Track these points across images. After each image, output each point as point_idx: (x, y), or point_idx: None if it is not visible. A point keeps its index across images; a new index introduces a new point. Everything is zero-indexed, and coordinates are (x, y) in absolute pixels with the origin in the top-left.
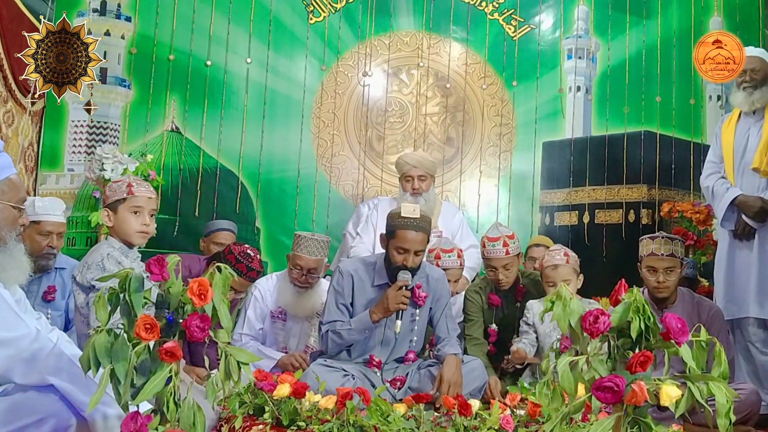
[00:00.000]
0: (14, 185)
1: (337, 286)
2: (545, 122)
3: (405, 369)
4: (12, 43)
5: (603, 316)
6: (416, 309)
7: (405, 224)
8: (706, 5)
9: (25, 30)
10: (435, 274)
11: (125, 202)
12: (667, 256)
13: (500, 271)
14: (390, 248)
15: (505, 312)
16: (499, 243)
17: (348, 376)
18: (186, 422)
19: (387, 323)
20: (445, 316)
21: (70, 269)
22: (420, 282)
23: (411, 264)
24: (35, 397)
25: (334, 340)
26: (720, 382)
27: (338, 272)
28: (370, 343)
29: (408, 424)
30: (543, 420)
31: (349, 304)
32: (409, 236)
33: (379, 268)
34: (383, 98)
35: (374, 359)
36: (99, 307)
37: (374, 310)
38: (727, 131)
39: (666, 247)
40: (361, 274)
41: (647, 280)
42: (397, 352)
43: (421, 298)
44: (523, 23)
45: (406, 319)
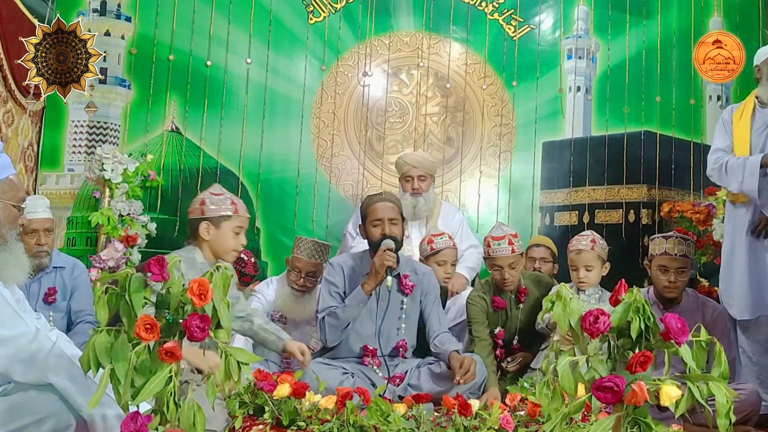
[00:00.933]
0: (14, 185)
1: (330, 276)
2: (545, 122)
3: (404, 366)
4: (12, 44)
5: (603, 316)
6: (404, 297)
7: (371, 201)
8: (706, 5)
9: (25, 30)
10: (422, 269)
11: (230, 220)
12: (680, 256)
13: (506, 270)
14: (368, 229)
15: (510, 314)
16: (504, 241)
17: (347, 374)
18: (186, 422)
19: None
20: (436, 309)
21: (69, 268)
22: (407, 273)
23: (389, 231)
24: (35, 397)
25: (330, 323)
26: (720, 382)
27: (330, 265)
28: (363, 333)
29: (408, 424)
30: (543, 420)
31: (343, 293)
32: (378, 207)
33: (366, 258)
34: (383, 98)
35: (368, 348)
36: (99, 307)
37: (366, 281)
38: (741, 124)
39: (679, 248)
40: (352, 265)
41: (658, 279)
42: (389, 342)
43: (408, 287)
44: (523, 23)
45: (396, 307)
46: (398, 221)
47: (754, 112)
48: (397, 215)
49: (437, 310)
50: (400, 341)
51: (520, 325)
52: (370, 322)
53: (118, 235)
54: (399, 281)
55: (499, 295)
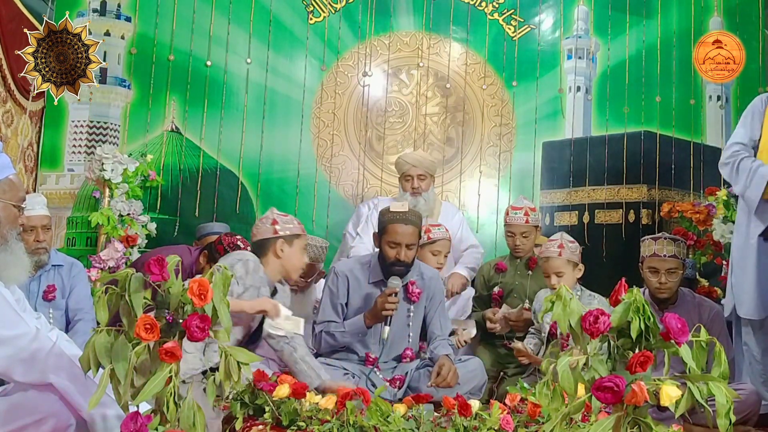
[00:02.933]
0: (14, 185)
1: (332, 286)
2: (545, 122)
3: (404, 368)
4: (11, 44)
5: (603, 316)
6: (411, 305)
7: (394, 218)
8: (706, 5)
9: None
10: (429, 273)
11: (300, 238)
12: (669, 257)
13: (518, 237)
14: (383, 244)
15: (517, 279)
16: (521, 212)
17: (348, 375)
18: (186, 422)
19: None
20: (438, 314)
21: (67, 266)
22: (414, 279)
23: (404, 258)
24: (35, 397)
25: (327, 341)
26: (720, 382)
27: (333, 273)
28: (368, 341)
29: (408, 424)
30: (543, 420)
31: (344, 303)
32: (399, 230)
33: (374, 265)
34: (383, 98)
35: (370, 356)
36: (99, 307)
37: (368, 315)
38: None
39: (669, 248)
40: (357, 273)
41: (649, 281)
42: (394, 350)
43: (415, 294)
44: (523, 23)
45: (403, 315)
46: (415, 246)
47: None
48: (416, 240)
49: (440, 314)
50: (405, 349)
51: (530, 292)
52: (374, 332)
53: (118, 235)
54: (405, 289)
55: (504, 261)
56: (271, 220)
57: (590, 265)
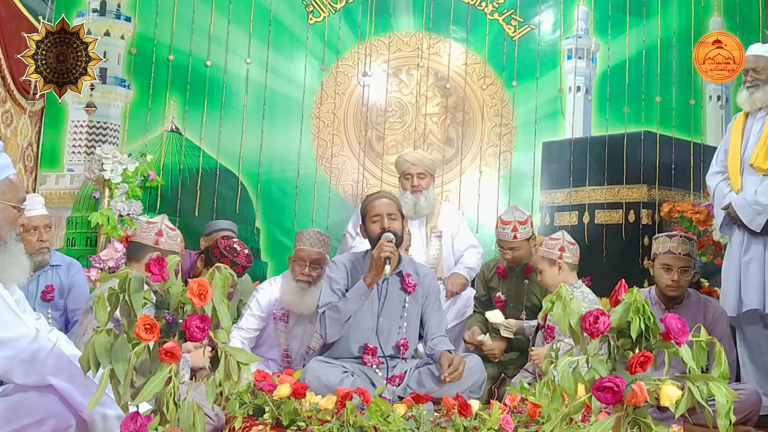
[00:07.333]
0: (14, 185)
1: (332, 273)
2: (545, 122)
3: (404, 367)
4: (11, 44)
5: (603, 317)
6: (407, 295)
7: (368, 199)
8: (706, 5)
9: (24, 30)
10: (423, 270)
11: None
12: (684, 255)
13: (506, 251)
14: (368, 227)
15: (512, 286)
16: (509, 227)
17: (347, 373)
18: (186, 422)
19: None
20: (435, 312)
21: (65, 266)
22: (409, 272)
23: (388, 225)
24: (35, 397)
25: (331, 317)
26: (720, 382)
27: (332, 263)
28: (363, 326)
29: (408, 424)
30: (543, 420)
31: (344, 289)
32: (375, 203)
33: (368, 256)
34: (383, 98)
35: (368, 347)
36: (99, 307)
37: (366, 274)
38: (735, 129)
39: (683, 247)
40: (354, 263)
41: (661, 278)
42: (389, 337)
43: (411, 285)
44: (523, 23)
45: (398, 304)
46: (397, 217)
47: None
48: (396, 211)
49: (437, 313)
50: (401, 340)
51: (527, 300)
52: (370, 317)
53: (117, 235)
54: (402, 279)
55: (504, 264)
56: (157, 230)
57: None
